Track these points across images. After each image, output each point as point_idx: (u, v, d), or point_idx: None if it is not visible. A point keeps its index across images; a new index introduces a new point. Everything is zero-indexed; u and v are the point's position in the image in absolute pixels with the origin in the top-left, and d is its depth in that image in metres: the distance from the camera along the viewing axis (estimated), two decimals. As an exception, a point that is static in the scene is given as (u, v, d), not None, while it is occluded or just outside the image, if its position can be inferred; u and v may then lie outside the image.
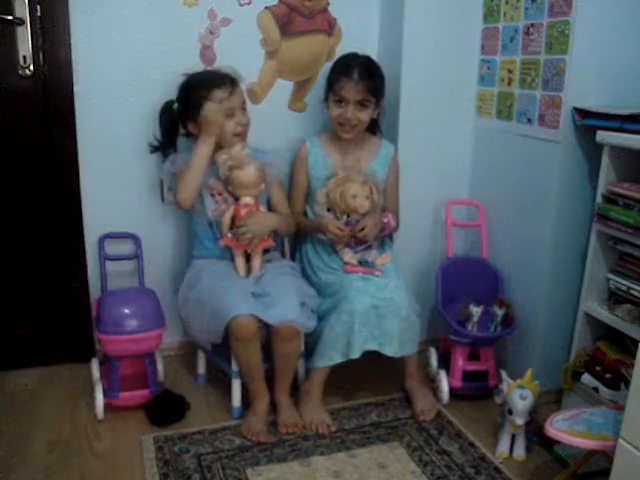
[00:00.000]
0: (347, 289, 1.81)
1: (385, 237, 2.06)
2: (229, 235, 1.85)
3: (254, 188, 1.85)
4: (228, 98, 1.82)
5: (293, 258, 2.12)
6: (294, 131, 2.15)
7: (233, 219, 1.84)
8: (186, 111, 1.85)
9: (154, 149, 1.96)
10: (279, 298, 1.76)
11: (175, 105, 1.90)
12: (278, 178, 1.94)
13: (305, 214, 2.07)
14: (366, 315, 1.78)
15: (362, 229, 1.88)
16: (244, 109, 1.88)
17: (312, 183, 2.03)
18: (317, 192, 1.98)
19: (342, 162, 2.00)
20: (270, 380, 1.85)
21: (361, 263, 1.92)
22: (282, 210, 1.98)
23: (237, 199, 1.86)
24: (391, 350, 1.82)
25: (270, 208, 1.97)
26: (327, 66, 2.06)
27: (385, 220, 1.96)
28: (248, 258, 1.90)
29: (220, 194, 1.88)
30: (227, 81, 1.84)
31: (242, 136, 1.88)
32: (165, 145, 1.95)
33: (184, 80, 1.88)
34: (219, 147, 1.85)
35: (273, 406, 1.85)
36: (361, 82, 1.88)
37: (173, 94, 1.94)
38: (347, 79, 1.88)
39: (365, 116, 1.93)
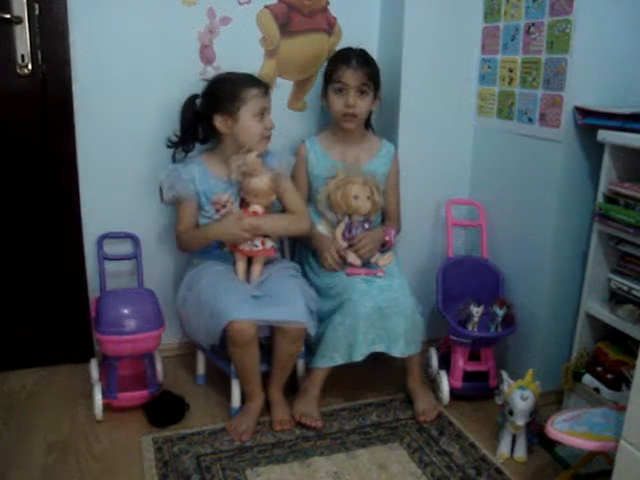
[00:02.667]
0: (350, 291, 1.80)
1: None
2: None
3: (264, 197, 1.83)
4: (262, 98, 1.82)
5: (292, 258, 2.12)
6: (294, 130, 2.14)
7: None
8: (216, 103, 1.83)
9: (172, 144, 1.94)
10: (286, 298, 1.76)
11: (198, 100, 1.89)
12: (288, 183, 1.93)
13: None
14: (371, 318, 1.77)
15: (360, 241, 1.90)
16: (269, 114, 1.88)
17: (313, 182, 2.03)
18: (319, 191, 1.98)
19: (342, 160, 1.99)
20: (265, 379, 1.84)
21: (364, 264, 1.91)
22: (296, 210, 1.93)
23: (246, 204, 1.84)
24: (398, 351, 1.82)
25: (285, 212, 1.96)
26: (327, 65, 2.06)
27: (387, 238, 1.95)
28: (249, 262, 1.89)
29: (224, 206, 1.87)
30: (262, 83, 1.86)
31: (268, 139, 1.87)
32: (183, 140, 1.93)
33: (215, 76, 1.88)
34: (244, 147, 1.84)
35: (267, 407, 1.85)
36: (360, 68, 1.90)
37: (173, 94, 1.94)
38: (346, 66, 1.90)
39: (365, 104, 1.93)
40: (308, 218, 1.96)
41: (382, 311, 1.79)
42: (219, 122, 1.83)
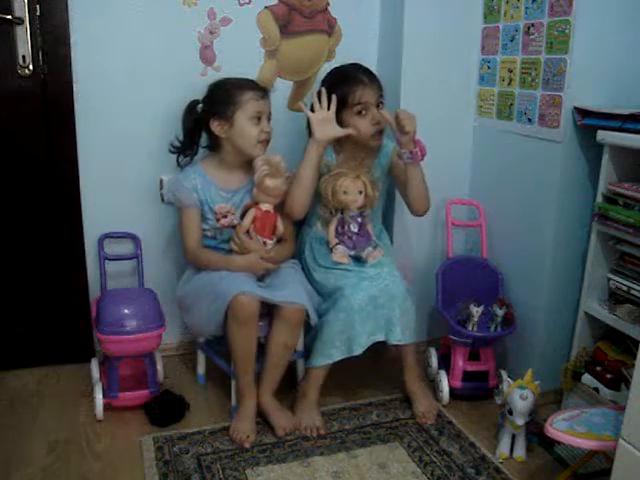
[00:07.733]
0: (343, 287, 1.80)
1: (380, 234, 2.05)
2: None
3: (277, 198, 1.84)
4: (258, 101, 1.82)
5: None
6: (294, 131, 2.15)
7: (253, 221, 1.83)
8: (213, 107, 1.83)
9: (175, 150, 1.94)
10: (286, 284, 1.79)
11: (199, 106, 1.89)
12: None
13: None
14: (365, 310, 1.77)
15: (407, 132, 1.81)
16: (269, 119, 1.87)
17: None
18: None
19: (346, 164, 1.95)
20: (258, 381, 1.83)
21: (355, 258, 1.91)
22: (289, 235, 1.94)
23: (256, 202, 1.84)
24: (395, 338, 1.81)
25: None
26: (327, 66, 2.06)
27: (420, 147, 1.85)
28: None
29: (225, 216, 1.88)
30: (260, 86, 1.86)
31: (265, 144, 1.87)
32: (186, 146, 1.93)
33: (215, 81, 1.88)
34: (241, 152, 1.85)
35: (262, 415, 1.84)
36: (371, 82, 1.88)
37: (173, 94, 1.95)
38: (362, 85, 1.86)
39: (385, 113, 1.89)
40: (296, 243, 2.00)
41: (376, 300, 1.78)
42: (216, 126, 1.83)
